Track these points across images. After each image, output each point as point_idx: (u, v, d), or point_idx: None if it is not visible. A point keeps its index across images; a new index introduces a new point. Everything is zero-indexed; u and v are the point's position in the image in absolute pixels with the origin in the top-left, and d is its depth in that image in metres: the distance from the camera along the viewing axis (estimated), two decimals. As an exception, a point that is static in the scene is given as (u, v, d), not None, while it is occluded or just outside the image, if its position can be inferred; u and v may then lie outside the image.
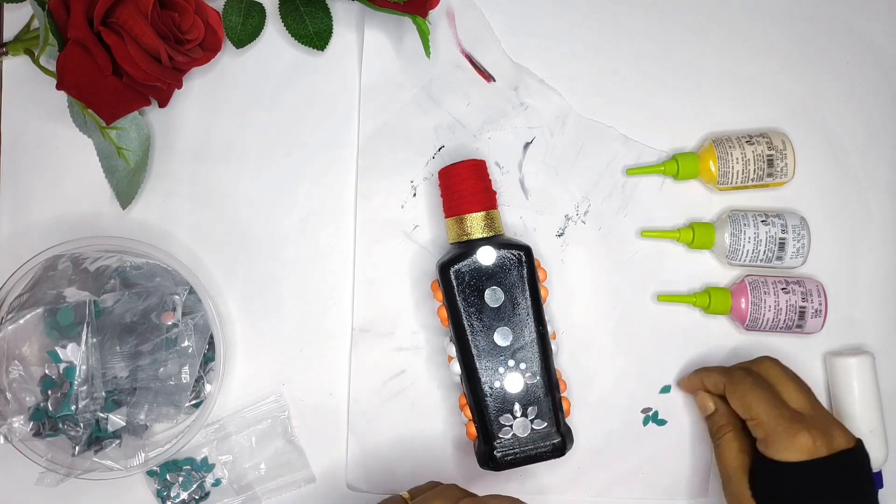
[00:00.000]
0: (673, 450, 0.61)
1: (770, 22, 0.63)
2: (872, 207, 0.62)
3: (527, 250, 0.55)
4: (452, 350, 0.55)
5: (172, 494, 0.58)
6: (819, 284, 0.59)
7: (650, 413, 0.60)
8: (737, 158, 0.58)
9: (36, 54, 0.56)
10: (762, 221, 0.59)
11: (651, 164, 0.61)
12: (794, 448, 0.50)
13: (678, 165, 0.60)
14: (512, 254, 0.54)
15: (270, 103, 0.61)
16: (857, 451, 0.51)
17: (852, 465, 0.50)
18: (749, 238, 0.58)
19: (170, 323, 0.55)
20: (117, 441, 0.55)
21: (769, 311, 0.58)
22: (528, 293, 0.54)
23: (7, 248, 0.59)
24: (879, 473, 0.59)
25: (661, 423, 0.61)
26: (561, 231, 0.61)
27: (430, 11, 0.58)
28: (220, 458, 0.59)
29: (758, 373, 0.55)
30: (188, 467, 0.58)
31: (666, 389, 0.60)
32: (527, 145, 0.61)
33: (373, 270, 0.60)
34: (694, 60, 0.62)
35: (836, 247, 0.62)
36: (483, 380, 0.54)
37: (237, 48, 0.59)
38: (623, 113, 0.62)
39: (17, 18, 0.60)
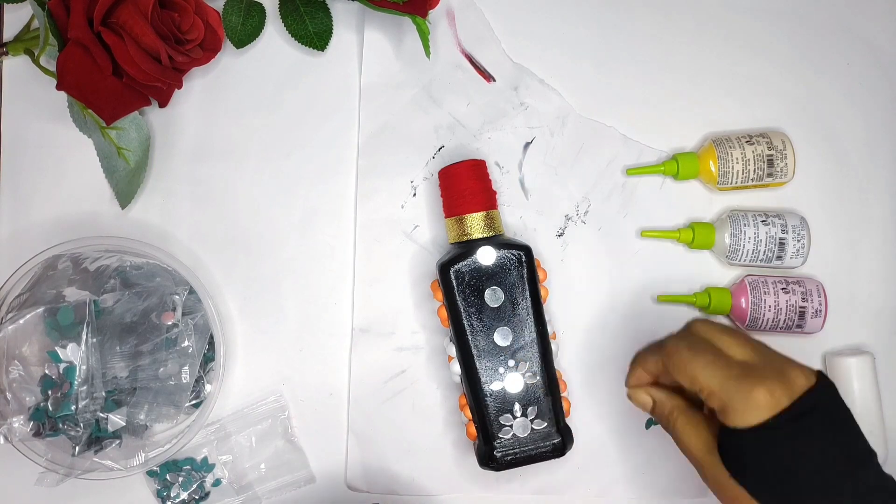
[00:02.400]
0: (673, 450, 0.61)
1: (770, 22, 0.63)
2: (872, 207, 0.62)
3: (527, 250, 0.55)
4: (452, 350, 0.55)
5: (172, 494, 0.58)
6: (819, 284, 0.59)
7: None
8: (737, 158, 0.58)
9: (36, 54, 0.56)
10: (762, 221, 0.59)
11: (651, 164, 0.61)
12: (754, 408, 0.43)
13: (678, 165, 0.60)
14: (512, 254, 0.54)
15: (270, 103, 0.61)
16: (821, 385, 0.44)
17: (821, 402, 0.44)
18: (749, 238, 0.58)
19: (170, 323, 0.55)
20: (117, 441, 0.55)
21: (769, 311, 0.58)
22: (528, 293, 0.54)
23: (7, 248, 0.59)
24: (879, 473, 0.59)
25: (661, 423, 0.60)
26: (561, 231, 0.61)
27: (430, 11, 0.58)
28: (220, 458, 0.59)
29: (693, 336, 0.48)
30: (188, 467, 0.58)
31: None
32: (527, 145, 0.61)
33: (373, 270, 0.60)
34: (694, 60, 0.62)
35: (836, 247, 0.62)
36: (483, 380, 0.54)
37: (237, 48, 0.59)
38: (623, 113, 0.62)
39: (17, 18, 0.60)
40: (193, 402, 0.57)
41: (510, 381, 0.54)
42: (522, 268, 0.54)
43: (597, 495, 0.60)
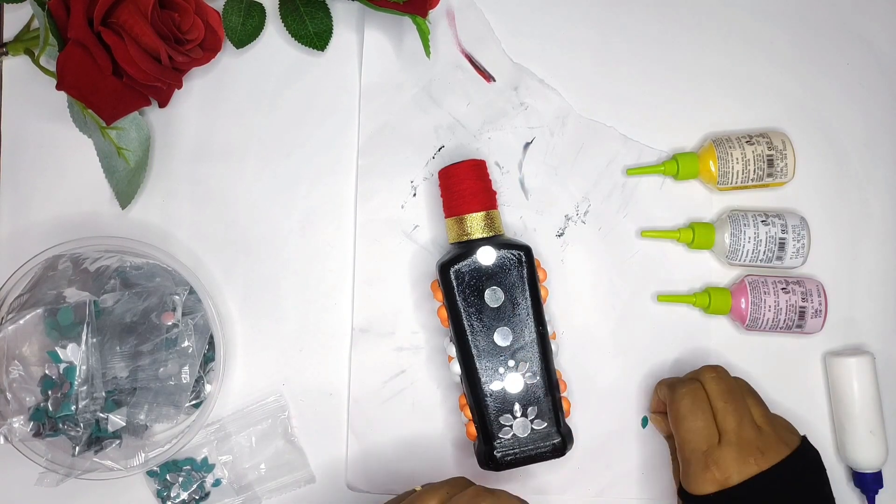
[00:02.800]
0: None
1: (770, 22, 0.63)
2: (872, 207, 0.62)
3: (527, 250, 0.55)
4: (452, 350, 0.55)
5: (172, 494, 0.58)
6: (819, 284, 0.59)
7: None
8: (737, 158, 0.58)
9: (36, 54, 0.56)
10: (762, 221, 0.59)
11: (651, 164, 0.61)
12: (704, 483, 0.49)
13: (678, 165, 0.60)
14: (512, 254, 0.54)
15: (270, 103, 0.61)
16: (776, 470, 0.49)
17: (768, 487, 0.48)
18: (749, 238, 0.58)
19: (170, 323, 0.55)
20: (117, 441, 0.55)
21: (769, 311, 0.58)
22: (528, 293, 0.54)
23: (7, 248, 0.59)
24: (879, 473, 0.59)
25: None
26: (561, 231, 0.61)
27: (430, 11, 0.58)
28: (220, 458, 0.59)
29: (699, 390, 0.52)
30: (188, 467, 0.58)
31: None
32: (527, 145, 0.61)
33: (373, 270, 0.60)
34: (694, 60, 0.62)
35: (836, 247, 0.62)
36: (483, 380, 0.54)
37: (237, 48, 0.59)
38: (623, 113, 0.62)
39: (17, 18, 0.60)
40: (193, 402, 0.57)
41: (510, 381, 0.54)
42: (522, 268, 0.54)
43: (597, 495, 0.60)
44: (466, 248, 0.55)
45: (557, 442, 0.54)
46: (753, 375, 0.61)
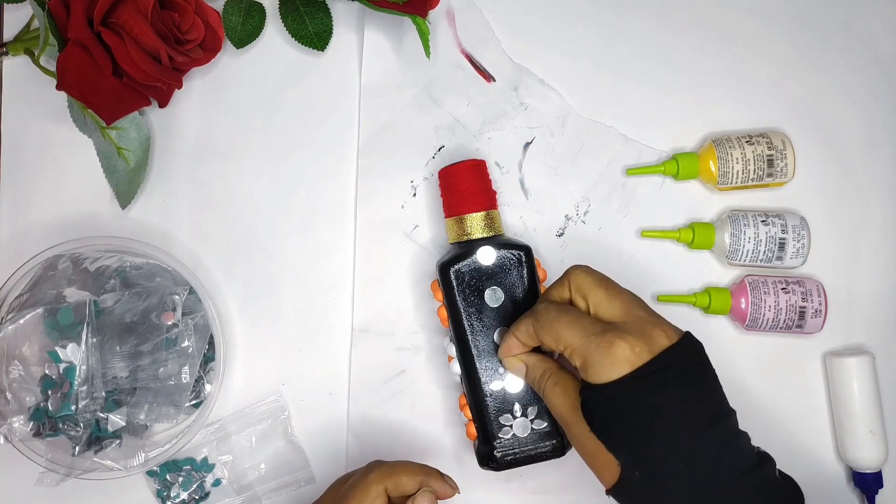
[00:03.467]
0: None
1: (770, 22, 0.63)
2: (872, 207, 0.62)
3: (527, 250, 0.55)
4: (452, 350, 0.55)
5: (172, 494, 0.58)
6: (819, 284, 0.59)
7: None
8: (737, 158, 0.58)
9: (36, 54, 0.56)
10: (762, 221, 0.59)
11: (651, 164, 0.61)
12: (612, 362, 0.43)
13: (678, 165, 0.60)
14: (512, 254, 0.54)
15: (270, 103, 0.61)
16: (683, 343, 0.44)
17: (680, 360, 0.44)
18: (749, 238, 0.58)
19: (170, 323, 0.55)
20: (117, 441, 0.55)
21: (769, 311, 0.58)
22: (528, 293, 0.54)
23: (7, 248, 0.59)
24: (879, 473, 0.59)
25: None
26: (561, 231, 0.61)
27: (430, 11, 0.58)
28: (220, 458, 0.59)
29: (566, 293, 0.49)
30: (188, 467, 0.58)
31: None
32: (527, 145, 0.61)
33: (373, 270, 0.60)
34: (694, 60, 0.62)
35: (836, 247, 0.62)
36: (483, 380, 0.54)
37: (237, 48, 0.59)
38: (623, 113, 0.62)
39: (17, 18, 0.60)
40: (193, 402, 0.57)
41: (510, 381, 0.54)
42: (522, 268, 0.54)
43: (596, 495, 0.60)
44: (466, 248, 0.55)
45: (557, 442, 0.54)
46: (753, 375, 0.61)
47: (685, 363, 0.44)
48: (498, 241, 0.55)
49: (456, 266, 0.54)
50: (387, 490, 0.48)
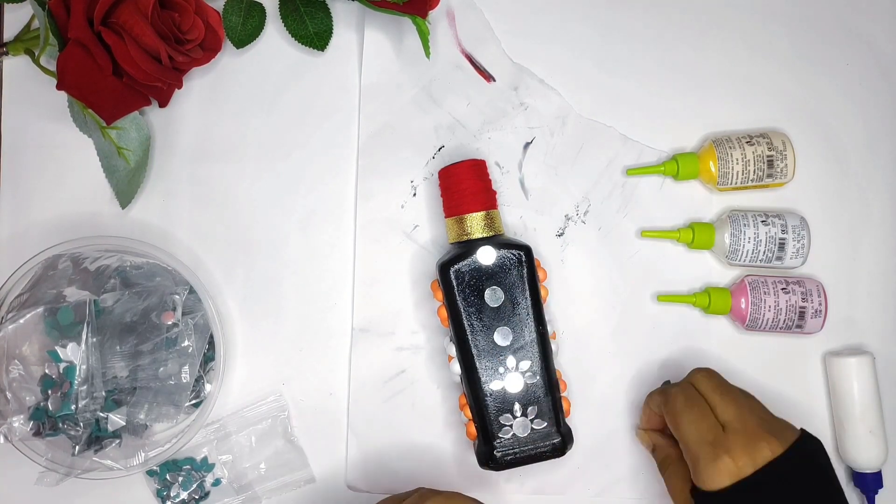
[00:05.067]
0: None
1: (770, 22, 0.63)
2: (872, 207, 0.62)
3: (527, 250, 0.55)
4: (452, 350, 0.55)
5: (172, 494, 0.58)
6: (819, 284, 0.59)
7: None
8: (737, 159, 0.58)
9: (36, 54, 0.56)
10: (762, 221, 0.59)
11: (651, 164, 0.61)
12: (716, 473, 0.46)
13: (678, 165, 0.60)
14: (512, 254, 0.54)
15: (270, 103, 0.61)
16: (788, 456, 0.46)
17: (784, 473, 0.46)
18: (749, 238, 0.58)
19: (170, 323, 0.55)
20: (117, 441, 0.55)
21: (769, 311, 0.58)
22: (528, 293, 0.54)
23: (7, 248, 0.59)
24: (879, 473, 0.59)
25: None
26: (561, 231, 0.61)
27: (430, 11, 0.58)
28: (220, 457, 0.59)
29: (692, 389, 0.52)
30: (188, 467, 0.58)
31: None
32: (527, 145, 0.61)
33: (373, 270, 0.60)
34: (694, 60, 0.62)
35: (836, 247, 0.62)
36: (483, 380, 0.54)
37: (237, 48, 0.59)
38: (623, 113, 0.62)
39: (17, 18, 0.60)
40: (193, 401, 0.57)
41: (510, 380, 0.54)
42: (522, 268, 0.54)
43: (597, 495, 0.60)
44: (466, 247, 0.55)
45: (557, 442, 0.54)
46: (753, 375, 0.61)
47: (790, 474, 0.46)
48: (498, 240, 0.55)
49: (456, 266, 0.54)
50: None
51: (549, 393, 0.54)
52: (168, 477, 0.58)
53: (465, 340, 0.54)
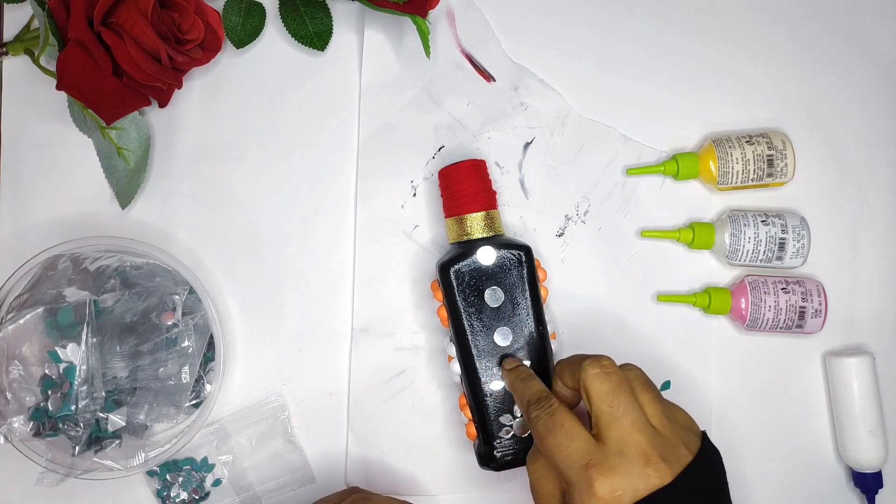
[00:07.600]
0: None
1: (770, 22, 0.63)
2: (872, 207, 0.62)
3: (527, 250, 0.55)
4: (452, 350, 0.55)
5: (172, 494, 0.58)
6: (819, 284, 0.59)
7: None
8: (737, 158, 0.58)
9: (36, 54, 0.56)
10: (762, 221, 0.59)
11: (651, 164, 0.61)
12: (591, 499, 0.40)
13: (678, 165, 0.60)
14: (512, 254, 0.54)
15: (270, 103, 0.61)
16: (676, 485, 0.41)
17: (677, 499, 0.41)
18: (749, 238, 0.58)
19: (170, 323, 0.55)
20: (117, 441, 0.55)
21: (769, 311, 0.58)
22: (528, 293, 0.54)
23: (7, 248, 0.59)
24: (879, 473, 0.59)
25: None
26: (561, 231, 0.61)
27: (430, 11, 0.58)
28: (220, 458, 0.59)
29: (562, 411, 0.45)
30: (188, 467, 0.58)
31: (666, 386, 0.60)
32: (527, 145, 0.61)
33: (373, 270, 0.60)
34: (694, 60, 0.62)
35: (836, 247, 0.62)
36: (483, 380, 0.54)
37: (237, 48, 0.59)
38: (623, 113, 0.62)
39: (17, 18, 0.60)
40: (193, 402, 0.57)
41: (510, 381, 0.54)
42: (522, 268, 0.54)
43: (597, 495, 0.60)
44: (466, 247, 0.55)
45: (557, 442, 0.54)
46: (753, 375, 0.61)
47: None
48: (498, 241, 0.55)
49: (456, 266, 0.54)
50: None
51: (549, 393, 0.54)
52: (168, 477, 0.58)
53: (465, 340, 0.54)
